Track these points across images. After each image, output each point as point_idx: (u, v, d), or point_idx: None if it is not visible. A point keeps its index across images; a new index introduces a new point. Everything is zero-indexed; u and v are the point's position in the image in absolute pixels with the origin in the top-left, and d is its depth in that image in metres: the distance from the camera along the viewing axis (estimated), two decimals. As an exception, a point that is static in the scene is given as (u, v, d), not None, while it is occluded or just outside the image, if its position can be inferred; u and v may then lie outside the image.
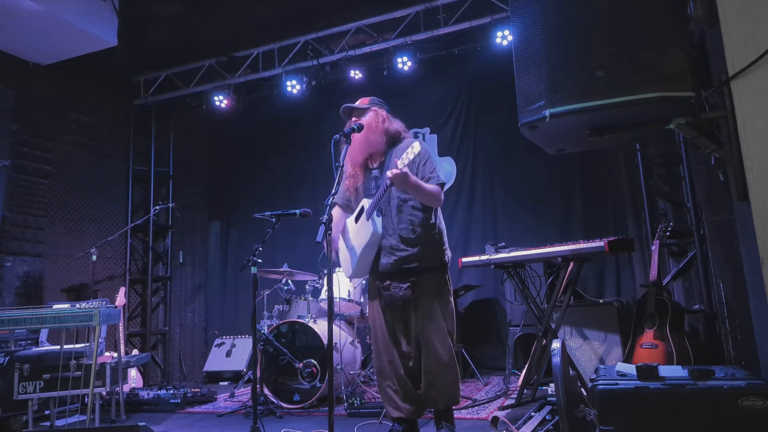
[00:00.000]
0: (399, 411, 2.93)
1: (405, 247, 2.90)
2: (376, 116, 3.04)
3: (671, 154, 4.80)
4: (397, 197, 2.94)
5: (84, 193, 5.85)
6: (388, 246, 2.93)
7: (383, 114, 3.07)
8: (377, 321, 3.03)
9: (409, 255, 2.90)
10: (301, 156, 6.61)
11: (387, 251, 2.93)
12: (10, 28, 4.66)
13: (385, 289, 2.94)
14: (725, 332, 3.58)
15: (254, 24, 5.65)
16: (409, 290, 2.87)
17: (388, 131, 3.04)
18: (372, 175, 3.07)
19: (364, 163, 3.10)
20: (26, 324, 3.39)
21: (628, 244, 3.59)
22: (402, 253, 2.90)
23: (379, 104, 3.12)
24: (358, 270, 3.04)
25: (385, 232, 2.93)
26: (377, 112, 3.06)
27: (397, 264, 2.90)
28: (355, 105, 3.12)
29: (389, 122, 3.07)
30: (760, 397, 1.92)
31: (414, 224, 2.92)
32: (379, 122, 3.02)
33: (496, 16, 4.98)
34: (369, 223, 2.86)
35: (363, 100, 3.15)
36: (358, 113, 3.08)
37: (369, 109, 3.07)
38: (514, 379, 4.65)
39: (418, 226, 2.92)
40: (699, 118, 2.27)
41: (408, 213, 2.94)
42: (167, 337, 6.45)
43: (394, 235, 2.93)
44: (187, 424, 4.03)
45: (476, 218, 5.83)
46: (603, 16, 2.36)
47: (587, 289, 4.89)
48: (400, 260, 2.90)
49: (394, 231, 2.93)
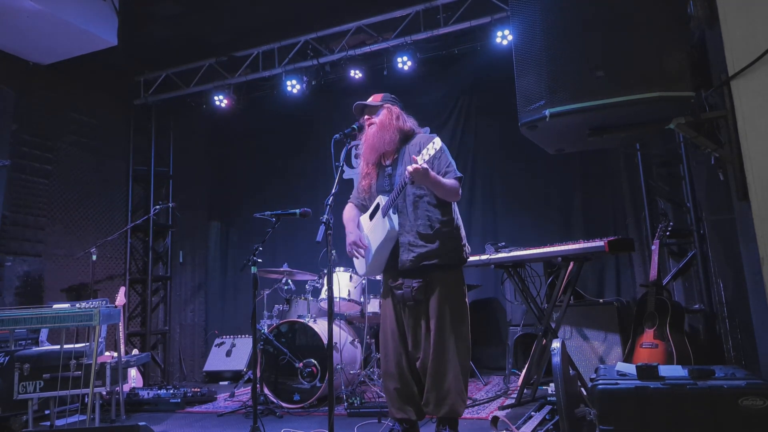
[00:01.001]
0: (401, 412, 2.91)
1: (423, 243, 2.86)
2: (389, 114, 3.00)
3: (671, 154, 4.81)
4: (413, 193, 2.90)
5: (84, 193, 5.85)
6: (406, 243, 2.89)
7: (396, 111, 3.04)
8: (388, 320, 3.00)
9: (428, 251, 2.85)
10: (301, 156, 6.61)
11: (405, 248, 2.89)
12: (10, 28, 4.66)
13: (398, 288, 2.91)
14: (725, 332, 3.59)
15: (254, 24, 5.65)
16: (421, 290, 2.84)
17: (401, 129, 3.01)
18: (386, 172, 3.04)
19: (378, 161, 3.07)
20: (26, 324, 3.39)
21: (628, 244, 3.59)
22: (420, 249, 2.85)
23: (392, 101, 3.09)
24: (373, 268, 3.01)
25: (402, 229, 2.90)
26: (390, 110, 3.02)
27: (417, 260, 2.86)
28: (367, 102, 3.08)
29: (403, 120, 3.03)
30: (760, 397, 1.92)
31: (431, 220, 2.88)
32: (392, 120, 2.99)
33: (496, 16, 4.98)
34: (385, 220, 2.85)
35: (375, 96, 3.10)
36: (370, 111, 3.05)
37: (382, 106, 3.04)
38: (514, 378, 4.65)
39: (436, 222, 2.88)
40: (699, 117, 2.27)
41: (424, 209, 2.90)
42: (167, 336, 6.46)
43: (411, 231, 2.89)
44: (187, 424, 4.03)
45: (476, 218, 5.83)
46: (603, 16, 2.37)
47: (587, 289, 4.88)
48: (419, 257, 2.86)
49: (411, 227, 2.89)
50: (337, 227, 2.82)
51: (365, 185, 3.09)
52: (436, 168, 2.86)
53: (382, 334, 3.06)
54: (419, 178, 2.65)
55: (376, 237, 2.92)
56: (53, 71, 5.43)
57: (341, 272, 4.65)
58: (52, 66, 5.38)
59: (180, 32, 5.70)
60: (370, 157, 3.03)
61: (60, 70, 5.43)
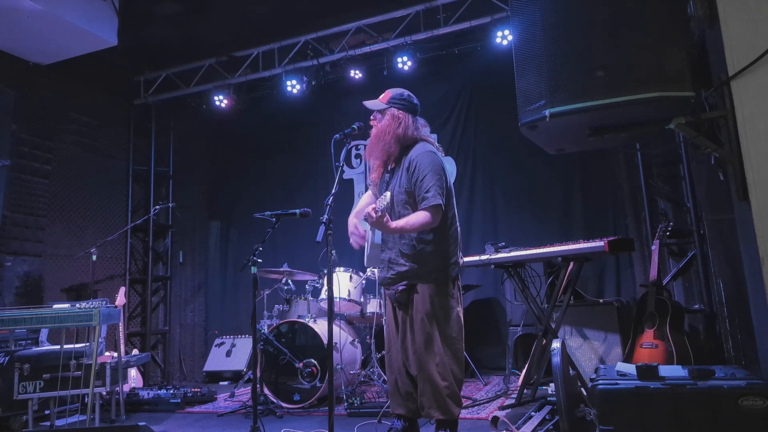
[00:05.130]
0: (401, 408, 2.94)
1: (404, 263, 2.82)
2: (391, 121, 2.90)
3: (671, 154, 4.80)
4: (398, 212, 2.84)
5: (84, 193, 5.85)
6: (387, 260, 2.89)
7: (400, 117, 2.90)
8: (389, 316, 3.03)
9: (407, 270, 2.81)
10: (301, 156, 6.60)
11: (385, 265, 2.89)
12: (10, 28, 4.66)
13: (387, 288, 2.97)
14: (725, 332, 3.59)
15: (254, 24, 5.65)
16: (403, 293, 2.83)
17: (399, 139, 2.89)
18: (384, 179, 3.01)
19: (383, 163, 3.02)
20: (26, 324, 3.39)
21: (628, 244, 3.59)
22: (400, 268, 2.83)
23: (400, 103, 2.95)
24: (370, 260, 3.06)
25: (384, 245, 2.89)
26: (394, 116, 2.91)
27: (396, 279, 2.85)
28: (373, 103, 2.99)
29: (404, 128, 2.89)
30: (760, 397, 1.92)
31: (414, 239, 2.81)
32: (392, 128, 2.87)
33: (496, 16, 4.98)
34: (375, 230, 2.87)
35: (386, 93, 2.98)
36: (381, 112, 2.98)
37: (387, 110, 2.94)
38: (514, 378, 4.65)
39: (420, 242, 2.81)
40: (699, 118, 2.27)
41: None
42: (167, 336, 6.45)
43: (394, 248, 2.87)
44: (187, 424, 4.03)
45: (476, 218, 5.83)
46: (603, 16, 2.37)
47: (587, 289, 4.88)
48: (398, 275, 2.84)
49: (394, 244, 2.87)
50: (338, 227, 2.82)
51: (375, 177, 3.05)
52: (417, 191, 2.77)
53: (386, 329, 3.09)
54: (378, 227, 2.56)
55: (370, 236, 2.95)
56: (53, 71, 5.42)
57: (341, 272, 4.64)
58: (52, 66, 5.37)
59: (180, 32, 5.70)
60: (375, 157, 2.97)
61: (60, 70, 5.43)
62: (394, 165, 2.99)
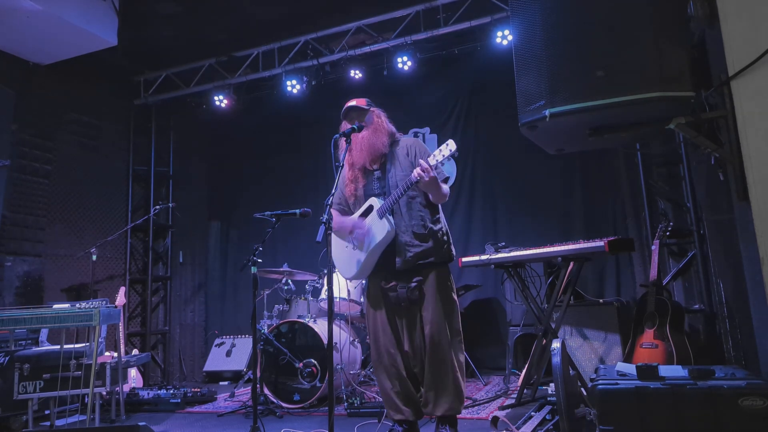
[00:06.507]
0: (400, 413, 2.92)
1: (419, 243, 2.92)
2: (379, 118, 3.06)
3: (671, 154, 4.81)
4: (407, 194, 2.94)
5: (84, 193, 5.85)
6: (402, 243, 2.92)
7: (384, 115, 3.11)
8: (379, 322, 3.00)
9: (423, 250, 2.91)
10: (301, 156, 6.60)
11: (402, 248, 2.91)
12: (10, 28, 4.66)
13: (392, 290, 2.92)
14: (725, 332, 3.59)
15: (254, 24, 5.65)
16: (416, 291, 2.87)
17: (390, 133, 3.08)
18: (374, 176, 3.06)
19: (364, 166, 3.07)
20: (26, 324, 3.39)
21: (628, 244, 3.60)
22: (417, 249, 2.91)
23: (376, 105, 3.15)
24: (364, 270, 3.01)
25: (397, 228, 2.93)
26: (379, 114, 3.08)
27: (414, 259, 2.90)
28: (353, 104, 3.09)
29: (389, 124, 3.11)
30: (760, 397, 1.92)
31: (424, 220, 2.96)
32: (384, 124, 3.06)
33: (496, 16, 4.98)
34: (383, 221, 2.88)
35: (360, 100, 3.12)
36: (359, 115, 3.06)
37: (370, 111, 3.08)
38: (514, 379, 4.66)
39: (429, 222, 2.96)
40: (699, 118, 2.27)
41: (418, 210, 2.96)
42: (167, 336, 6.46)
43: (407, 231, 2.93)
44: (187, 424, 4.03)
45: (476, 218, 5.83)
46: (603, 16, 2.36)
47: (587, 289, 4.88)
48: (415, 256, 2.90)
49: (406, 228, 2.93)
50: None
51: (351, 190, 3.10)
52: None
53: (372, 337, 3.06)
54: (429, 181, 2.70)
55: (370, 239, 2.93)
56: (53, 71, 5.43)
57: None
58: (52, 66, 5.38)
59: (180, 32, 5.70)
60: (359, 160, 3.03)
61: (60, 70, 5.43)
62: (380, 162, 3.05)
